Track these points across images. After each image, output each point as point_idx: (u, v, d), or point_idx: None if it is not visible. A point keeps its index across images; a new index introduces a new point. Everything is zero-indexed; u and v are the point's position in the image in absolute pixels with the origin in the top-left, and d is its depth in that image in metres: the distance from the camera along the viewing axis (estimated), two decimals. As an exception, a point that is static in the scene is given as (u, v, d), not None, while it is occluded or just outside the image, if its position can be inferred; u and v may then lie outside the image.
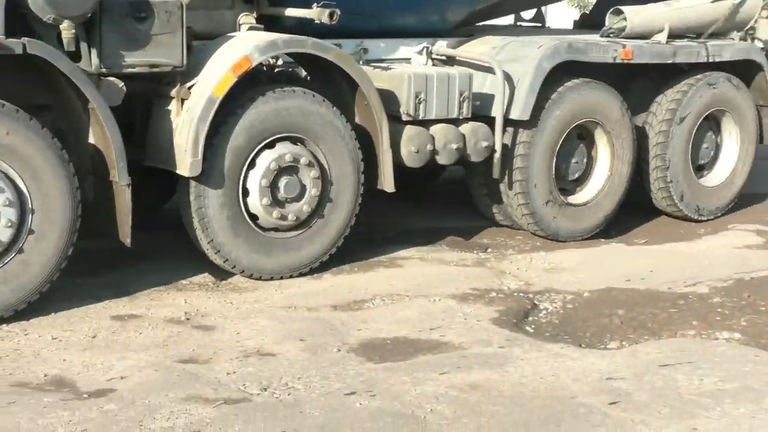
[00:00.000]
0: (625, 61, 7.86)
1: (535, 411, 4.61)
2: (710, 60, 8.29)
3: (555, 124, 7.55)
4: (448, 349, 5.44)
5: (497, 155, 7.25)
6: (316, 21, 6.74)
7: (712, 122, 8.70)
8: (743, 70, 8.76)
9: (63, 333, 5.52)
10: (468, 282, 6.70)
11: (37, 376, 4.89)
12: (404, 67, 7.44)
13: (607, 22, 8.32)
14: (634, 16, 8.07)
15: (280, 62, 7.17)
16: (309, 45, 6.63)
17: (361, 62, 7.17)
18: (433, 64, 7.66)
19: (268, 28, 7.02)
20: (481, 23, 9.47)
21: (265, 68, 6.93)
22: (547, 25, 10.80)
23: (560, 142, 7.67)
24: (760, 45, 8.91)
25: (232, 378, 4.94)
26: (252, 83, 6.60)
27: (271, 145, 6.56)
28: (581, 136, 8.04)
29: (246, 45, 6.43)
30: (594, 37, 8.22)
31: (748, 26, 8.75)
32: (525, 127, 7.42)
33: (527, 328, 5.90)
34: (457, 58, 7.73)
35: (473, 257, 7.39)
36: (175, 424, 4.34)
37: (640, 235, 8.28)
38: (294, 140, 6.65)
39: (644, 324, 5.98)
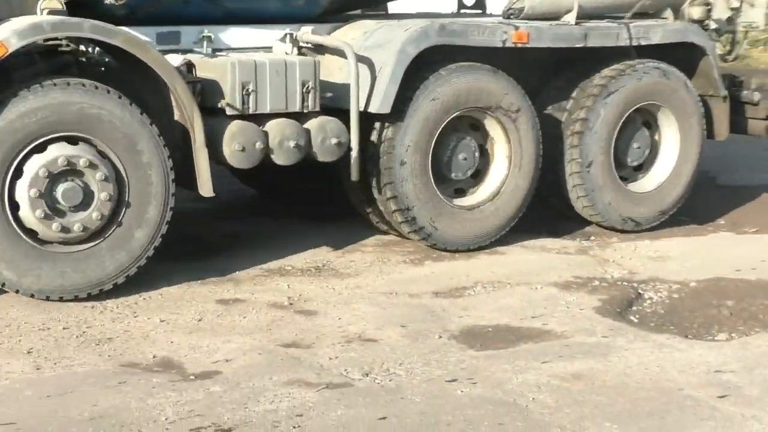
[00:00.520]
0: (520, 45, 6.78)
1: (639, 402, 4.49)
2: (635, 43, 7.13)
3: (426, 116, 6.47)
4: (550, 338, 5.36)
5: (354, 154, 6.29)
6: (106, 1, 6.01)
7: (646, 118, 7.47)
8: (685, 56, 7.49)
9: (170, 316, 5.58)
10: (570, 270, 6.59)
11: (146, 357, 4.96)
12: (233, 54, 6.32)
13: (507, 3, 7.36)
14: None
15: (95, 51, 6.30)
16: (86, 28, 5.66)
17: (205, 51, 6.28)
18: (299, 53, 6.51)
19: (82, 13, 5.96)
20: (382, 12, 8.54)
21: (38, 56, 6.01)
22: (488, 12, 8.91)
23: (436, 136, 6.60)
24: (714, 25, 7.59)
25: (334, 363, 4.93)
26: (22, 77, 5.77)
27: (41, 148, 5.61)
28: (474, 127, 6.98)
29: (4, 29, 5.58)
30: (488, 19, 7.28)
31: (687, 3, 7.45)
32: (390, 122, 6.41)
33: (631, 317, 5.75)
34: (323, 44, 6.62)
35: (576, 245, 7.27)
36: (279, 408, 4.34)
37: (751, 223, 7.96)
38: (73, 140, 5.71)
39: (755, 315, 5.76)
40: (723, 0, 7.16)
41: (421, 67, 6.52)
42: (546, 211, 7.99)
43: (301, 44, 6.48)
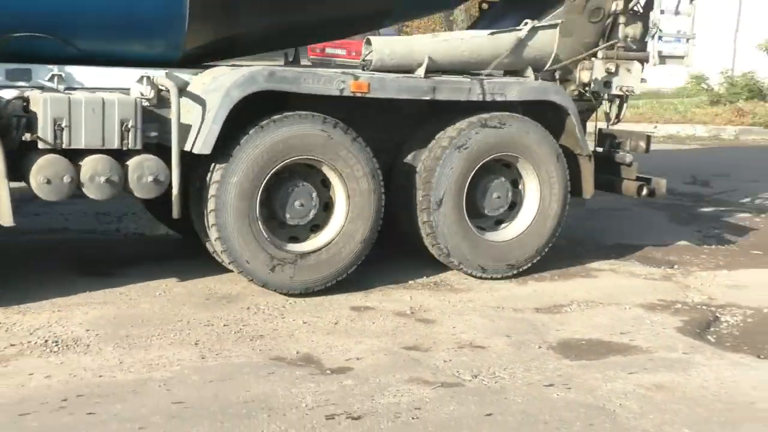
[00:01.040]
0: (360, 95, 6.12)
1: (715, 413, 4.55)
2: (488, 99, 6.43)
3: (253, 161, 5.85)
4: (636, 352, 5.41)
5: (174, 192, 5.79)
6: None
7: (508, 169, 6.79)
8: (554, 114, 6.80)
9: (312, 318, 5.76)
10: (655, 294, 6.59)
11: (290, 353, 5.15)
12: (49, 92, 5.65)
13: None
14: (384, 47, 6.43)
15: None
16: None
17: (57, 89, 5.71)
18: (158, 95, 5.85)
19: None
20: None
21: None
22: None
23: (265, 181, 5.94)
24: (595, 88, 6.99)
25: (448, 365, 5.06)
26: None
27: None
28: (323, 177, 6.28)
29: None
30: (331, 69, 6.60)
31: (549, 64, 6.84)
32: (218, 163, 5.83)
33: (709, 337, 5.75)
34: (162, 85, 5.90)
35: (660, 272, 7.23)
36: (400, 401, 4.51)
37: None
38: None
39: (825, 341, 5.70)
40: (601, 65, 6.78)
41: (257, 113, 5.97)
42: (637, 242, 8.08)
43: (159, 86, 5.88)
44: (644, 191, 6.97)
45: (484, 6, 8.17)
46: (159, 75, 5.89)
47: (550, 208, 6.68)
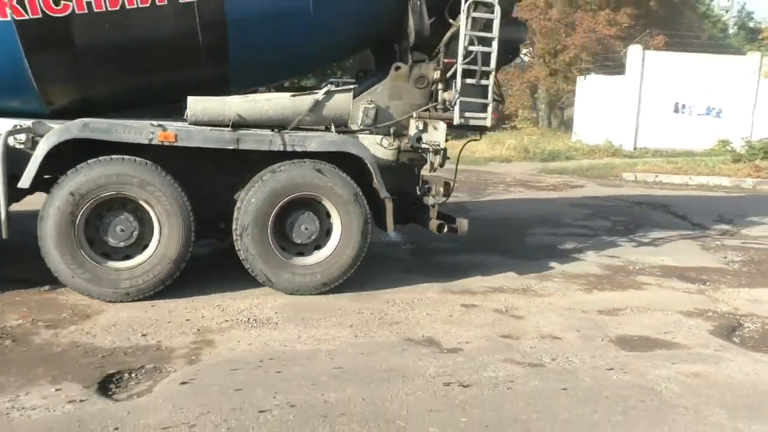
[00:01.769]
0: (169, 144, 5.56)
1: (741, 397, 4.39)
2: (289, 149, 5.87)
3: (67, 196, 5.34)
4: (677, 347, 5.24)
5: (2, 218, 5.30)
6: None
7: (321, 204, 6.09)
8: (356, 163, 6.06)
9: (433, 311, 5.78)
10: (692, 303, 6.37)
11: (417, 336, 5.19)
12: None
13: None
14: (197, 105, 5.78)
15: None
16: None
17: None
18: (34, 141, 5.46)
19: None
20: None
21: None
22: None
23: (80, 216, 5.40)
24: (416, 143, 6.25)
25: (533, 350, 5.01)
26: None
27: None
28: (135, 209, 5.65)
29: None
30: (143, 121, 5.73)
31: (347, 121, 6.24)
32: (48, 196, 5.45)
33: (735, 339, 5.53)
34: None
35: (695, 287, 6.96)
36: (498, 375, 4.50)
37: None
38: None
39: (826, 345, 5.41)
40: (414, 123, 6.21)
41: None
42: (677, 264, 7.81)
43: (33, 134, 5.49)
44: (444, 229, 6.34)
45: (361, 74, 7.58)
46: (28, 124, 5.53)
47: (351, 238, 6.04)
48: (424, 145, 6.24)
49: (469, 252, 7.94)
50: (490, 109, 6.30)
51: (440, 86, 6.31)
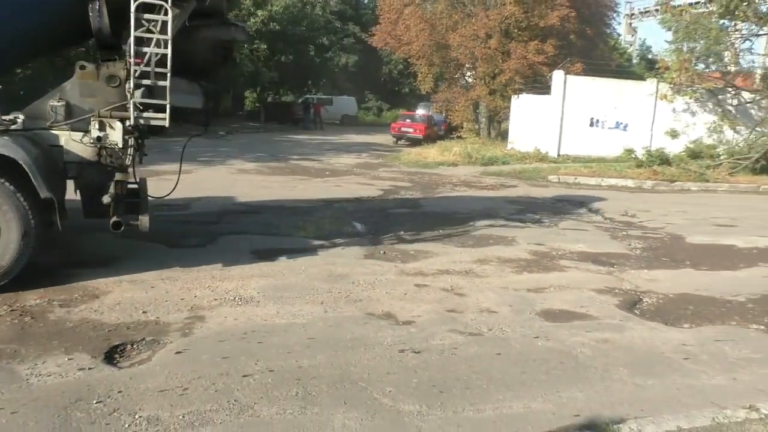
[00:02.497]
0: None
1: (640, 357, 4.49)
2: None
3: None
4: (590, 319, 5.30)
5: None
6: None
7: None
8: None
9: (391, 290, 5.74)
10: (603, 282, 6.44)
11: (378, 310, 5.17)
12: None
13: None
14: None
15: None
16: None
17: None
18: None
19: None
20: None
21: None
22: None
23: None
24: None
25: (473, 322, 5.02)
26: None
27: None
28: None
29: None
30: None
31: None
32: None
33: (636, 311, 5.61)
34: None
35: (605, 269, 7.01)
36: (444, 343, 4.51)
37: (706, 264, 7.48)
38: None
39: (705, 315, 5.56)
40: (95, 123, 5.23)
41: None
42: (591, 251, 7.90)
43: None
44: (121, 227, 5.35)
45: None
46: None
47: (11, 236, 4.89)
48: (108, 144, 5.31)
49: (422, 240, 7.92)
50: (168, 110, 5.28)
51: (129, 86, 5.25)
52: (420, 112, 30.74)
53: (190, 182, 12.00)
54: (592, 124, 21.24)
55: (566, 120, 21.13)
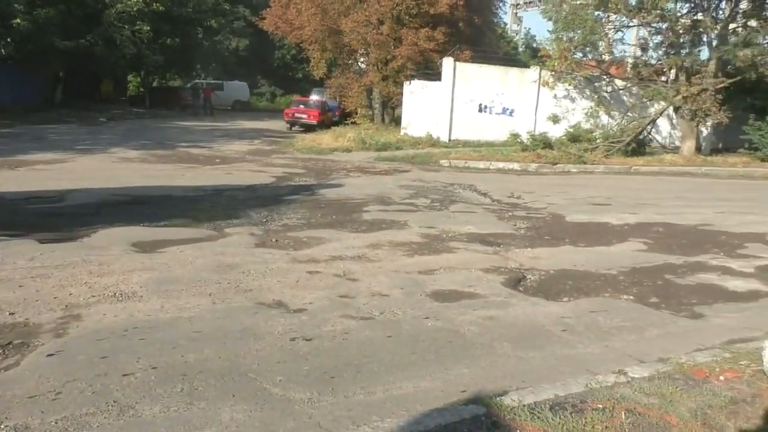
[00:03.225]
0: None
1: (523, 333, 4.69)
2: None
3: None
4: (477, 297, 5.47)
5: None
6: None
7: None
8: None
9: (282, 278, 5.66)
10: (490, 262, 6.67)
11: (268, 299, 5.08)
12: None
13: None
14: None
15: None
16: None
17: None
18: None
19: None
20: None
21: None
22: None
23: None
24: None
25: (366, 307, 5.05)
26: None
27: None
28: None
29: None
30: None
31: None
32: None
33: (520, 288, 5.86)
34: None
35: (492, 249, 7.28)
36: (336, 329, 4.52)
37: (583, 241, 7.94)
38: None
39: (582, 289, 5.90)
40: None
41: None
42: (476, 231, 8.17)
43: None
44: None
45: None
46: None
47: None
48: None
49: (315, 227, 7.87)
50: None
51: None
52: (314, 97, 30.42)
53: (65, 172, 11.26)
54: (481, 110, 21.98)
55: (456, 106, 21.73)
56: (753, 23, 18.03)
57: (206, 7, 33.90)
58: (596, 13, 19.02)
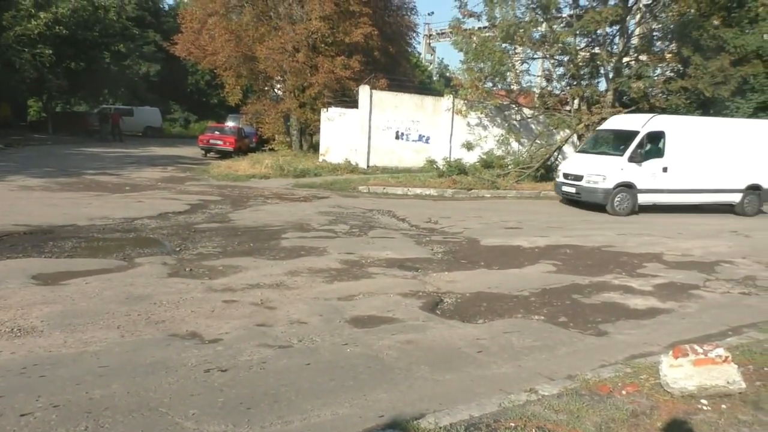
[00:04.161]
0: None
1: (440, 354, 4.78)
2: None
3: None
4: (396, 322, 5.53)
5: None
6: None
7: None
8: None
9: (197, 308, 5.52)
10: (408, 286, 6.76)
11: (182, 330, 4.94)
12: None
13: None
14: None
15: None
16: None
17: None
18: None
19: None
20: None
21: None
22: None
23: None
24: None
25: (283, 334, 5.01)
26: None
27: None
28: None
29: None
30: None
31: None
32: None
33: (437, 311, 5.97)
34: None
35: (411, 274, 7.38)
36: (253, 358, 4.45)
37: (497, 264, 8.21)
38: None
39: (496, 311, 6.08)
40: None
41: None
42: (397, 257, 8.28)
43: None
44: None
45: None
46: None
47: None
48: None
49: (230, 255, 7.72)
50: None
51: None
52: (230, 124, 29.99)
53: (-44, 202, 10.49)
54: (398, 137, 22.41)
55: (374, 133, 22.06)
56: (643, 57, 19.49)
57: (113, 32, 32.89)
58: (503, 45, 19.94)
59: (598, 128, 16.85)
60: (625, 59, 19.76)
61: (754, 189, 15.25)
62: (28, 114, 37.13)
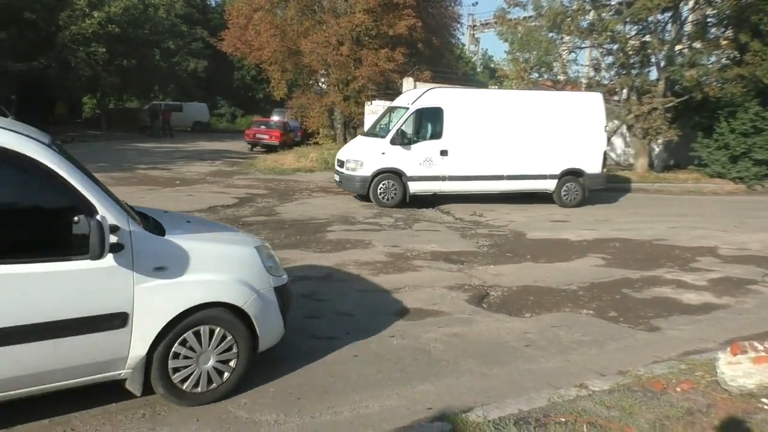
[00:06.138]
0: None
1: (487, 347, 4.77)
2: None
3: None
4: (442, 315, 5.54)
5: None
6: None
7: None
8: None
9: None
10: (453, 280, 6.76)
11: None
12: None
13: None
14: None
15: None
16: None
17: None
18: None
19: None
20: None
21: None
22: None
23: None
24: None
25: (331, 327, 5.03)
26: None
27: None
28: None
29: None
30: None
31: None
32: None
33: (483, 305, 5.95)
34: None
35: (456, 267, 7.37)
36: (302, 350, 4.46)
37: (543, 257, 8.11)
38: None
39: (543, 305, 6.03)
40: None
41: None
42: (442, 250, 8.27)
43: None
44: None
45: None
46: None
47: None
48: None
49: (278, 248, 7.83)
50: None
51: None
52: (275, 118, 30.38)
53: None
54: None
55: (417, 125, 21.96)
56: (697, 45, 18.83)
57: (163, 29, 33.66)
58: (550, 34, 19.58)
59: (389, 105, 14.49)
60: (677, 47, 19.12)
61: (573, 174, 12.79)
62: (83, 111, 38.39)
